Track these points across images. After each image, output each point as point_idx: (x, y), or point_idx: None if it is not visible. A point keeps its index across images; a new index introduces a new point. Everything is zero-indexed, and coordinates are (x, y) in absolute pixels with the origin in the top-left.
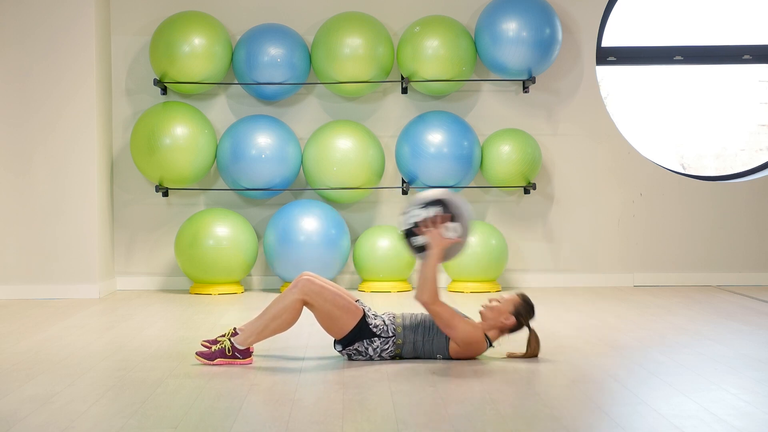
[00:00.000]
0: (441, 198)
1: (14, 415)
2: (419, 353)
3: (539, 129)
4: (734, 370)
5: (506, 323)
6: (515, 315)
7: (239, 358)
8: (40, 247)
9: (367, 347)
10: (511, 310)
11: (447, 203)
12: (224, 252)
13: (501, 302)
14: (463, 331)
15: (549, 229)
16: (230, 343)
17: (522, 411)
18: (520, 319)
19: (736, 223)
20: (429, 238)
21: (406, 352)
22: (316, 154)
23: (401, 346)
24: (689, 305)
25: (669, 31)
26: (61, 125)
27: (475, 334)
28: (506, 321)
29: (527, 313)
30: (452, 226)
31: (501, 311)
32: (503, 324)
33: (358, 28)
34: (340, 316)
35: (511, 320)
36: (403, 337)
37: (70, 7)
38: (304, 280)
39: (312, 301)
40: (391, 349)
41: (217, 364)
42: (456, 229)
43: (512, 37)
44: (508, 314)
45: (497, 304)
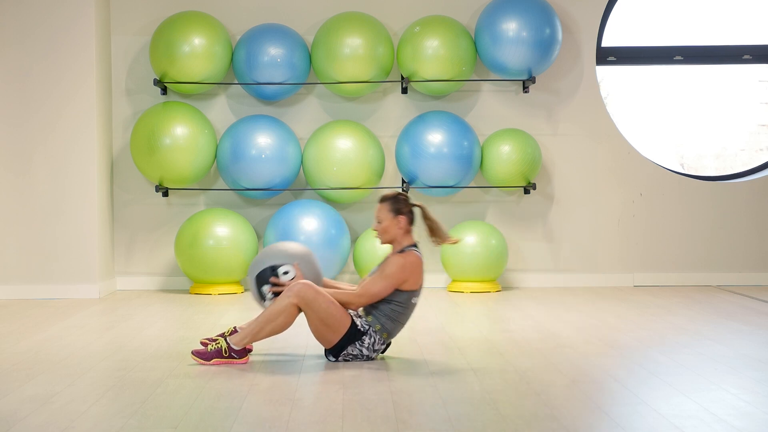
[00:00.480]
0: (253, 281)
1: (14, 415)
2: (399, 318)
3: (539, 129)
4: (734, 370)
5: (400, 226)
6: (397, 214)
7: (235, 358)
8: (40, 247)
9: (360, 348)
10: (392, 217)
11: (257, 276)
12: (224, 252)
13: (380, 222)
14: (392, 276)
15: (549, 229)
16: (226, 343)
17: (522, 411)
18: (403, 211)
19: (736, 223)
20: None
21: (391, 331)
22: (316, 154)
23: (383, 329)
24: (689, 305)
25: (669, 31)
26: (61, 125)
27: (398, 265)
28: (399, 225)
29: (403, 202)
30: (281, 270)
31: (389, 227)
32: (401, 228)
33: (358, 28)
34: (333, 323)
35: (401, 220)
36: (378, 322)
37: (70, 7)
38: (300, 285)
39: (306, 307)
40: (379, 338)
41: (214, 364)
42: (286, 268)
43: (512, 37)
44: (392, 220)
45: (378, 225)
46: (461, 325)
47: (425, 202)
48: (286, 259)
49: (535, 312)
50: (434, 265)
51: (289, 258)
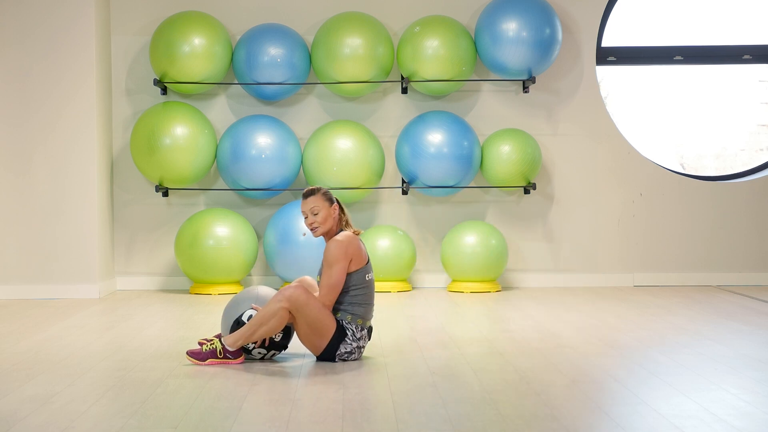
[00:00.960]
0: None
1: (14, 415)
2: (363, 300)
3: (539, 129)
4: (734, 370)
5: (335, 215)
6: (331, 203)
7: (230, 358)
8: (40, 247)
9: (348, 343)
10: (328, 206)
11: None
12: (224, 252)
13: (317, 213)
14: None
15: (549, 229)
16: (221, 344)
17: (522, 411)
18: (334, 198)
19: (736, 223)
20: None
21: (363, 315)
22: (316, 154)
23: (354, 317)
24: (689, 305)
25: (669, 31)
26: (61, 125)
27: (338, 248)
28: (334, 214)
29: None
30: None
31: (326, 215)
32: (336, 218)
33: (358, 28)
34: (320, 329)
35: (335, 208)
36: (347, 312)
37: (70, 7)
38: (292, 289)
39: (296, 312)
40: (355, 326)
41: (208, 364)
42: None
43: (512, 37)
44: (329, 209)
45: (318, 216)
46: (461, 325)
47: (425, 202)
48: (240, 306)
49: (535, 312)
50: (434, 265)
51: (244, 305)
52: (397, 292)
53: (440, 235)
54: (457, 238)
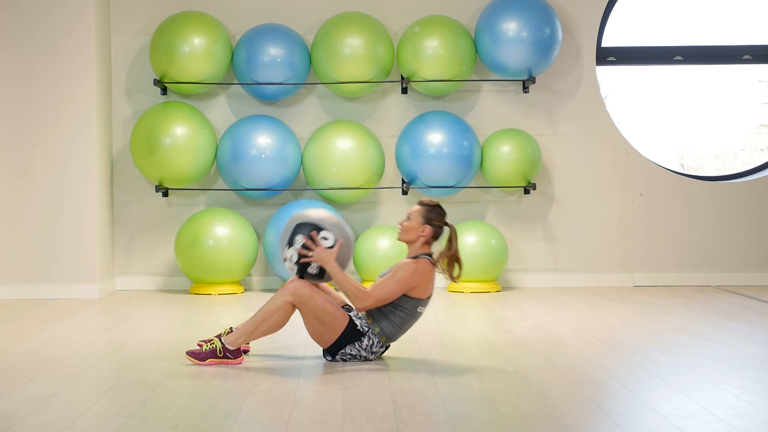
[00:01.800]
0: (294, 224)
1: (14, 415)
2: (401, 325)
3: (539, 129)
4: (734, 370)
5: (424, 234)
6: (427, 223)
7: (230, 358)
8: (40, 248)
9: (359, 349)
10: (421, 221)
11: (301, 224)
12: (224, 252)
13: (409, 219)
14: (403, 281)
15: (549, 229)
16: (221, 343)
17: (522, 411)
18: (434, 223)
19: (736, 223)
20: (317, 259)
21: (389, 332)
22: (316, 154)
23: (382, 332)
24: (689, 305)
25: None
26: (61, 125)
27: (410, 270)
28: (423, 233)
29: (437, 215)
30: (324, 234)
31: (413, 227)
32: (423, 236)
33: (358, 28)
34: (329, 322)
35: (427, 229)
36: (379, 326)
37: (69, 7)
38: (295, 283)
39: (301, 306)
40: (377, 341)
41: (208, 364)
42: (328, 235)
43: (512, 37)
44: (420, 226)
45: (407, 223)
46: (461, 325)
47: None
48: (336, 231)
49: (535, 312)
50: None
51: (340, 233)
52: None
53: None
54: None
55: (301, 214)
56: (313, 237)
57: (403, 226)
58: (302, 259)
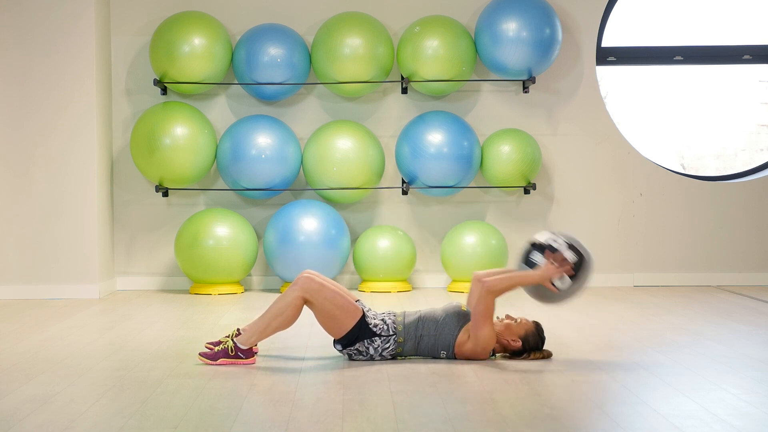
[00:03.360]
0: (584, 256)
1: (14, 415)
2: (421, 350)
3: (539, 129)
4: (734, 370)
5: (511, 345)
6: (522, 340)
7: (242, 357)
8: (40, 247)
9: (367, 347)
10: (521, 334)
11: (583, 264)
12: (224, 252)
13: (515, 323)
14: (487, 335)
15: (549, 229)
16: (233, 343)
17: (522, 411)
18: (525, 345)
19: (736, 223)
20: (544, 266)
21: (407, 350)
22: (316, 154)
23: (403, 344)
24: (689, 305)
25: (669, 31)
26: (61, 125)
27: (492, 342)
28: (513, 343)
29: (535, 343)
30: (567, 279)
31: (512, 331)
32: (509, 344)
33: (358, 28)
34: (340, 315)
35: (517, 344)
36: (405, 335)
37: (69, 7)
38: (304, 278)
39: (312, 299)
40: (393, 347)
41: (220, 364)
42: (565, 283)
43: (512, 37)
44: (516, 337)
45: (511, 322)
46: None
47: (425, 202)
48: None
49: (535, 312)
50: (434, 266)
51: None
52: (397, 293)
53: (440, 236)
54: (457, 239)
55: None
56: (568, 271)
57: (506, 321)
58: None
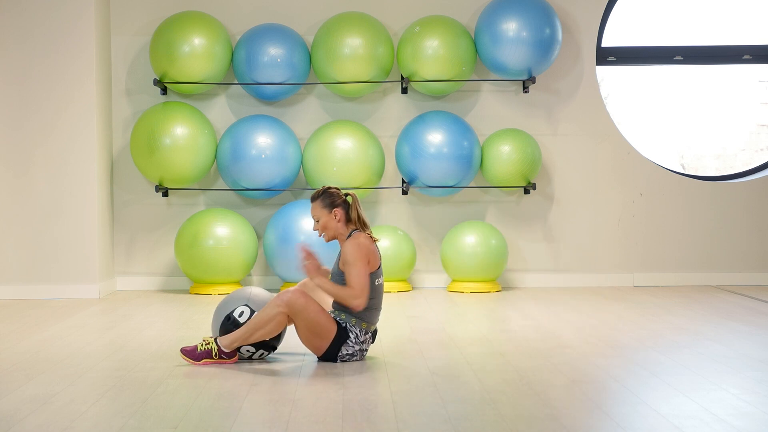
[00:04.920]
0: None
1: (14, 415)
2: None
3: (539, 129)
4: (734, 370)
5: (339, 219)
6: (332, 209)
7: (225, 358)
8: (40, 248)
9: (351, 346)
10: (327, 212)
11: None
12: (224, 252)
13: (318, 220)
14: (361, 259)
15: (549, 229)
16: (217, 345)
17: (521, 411)
18: (337, 203)
19: (736, 223)
20: (308, 270)
21: (368, 319)
22: (316, 154)
23: (359, 320)
24: (689, 305)
25: (669, 31)
26: (61, 125)
27: (355, 247)
28: (337, 218)
29: (332, 195)
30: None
31: (327, 222)
32: (339, 221)
33: (358, 28)
34: (320, 332)
35: (338, 212)
36: (352, 315)
37: (69, 7)
38: (291, 294)
39: (295, 316)
40: (359, 330)
41: (203, 364)
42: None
43: (512, 37)
44: (328, 217)
45: (320, 223)
46: (461, 325)
47: (425, 202)
48: (235, 304)
49: (535, 312)
50: (434, 265)
51: (236, 301)
52: (397, 292)
53: (440, 235)
54: (457, 238)
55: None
56: (305, 250)
57: (320, 229)
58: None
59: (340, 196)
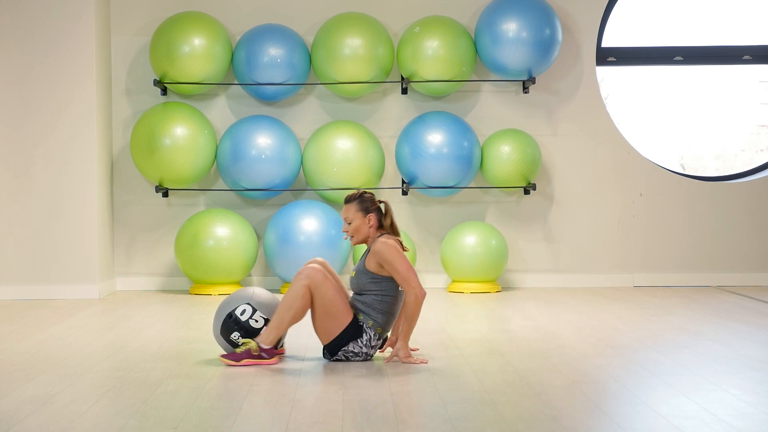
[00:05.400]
0: (218, 332)
1: (14, 415)
2: (390, 310)
3: (539, 129)
4: (734, 371)
5: (372, 224)
6: (367, 214)
7: (265, 358)
8: (40, 248)
9: (361, 346)
10: (362, 216)
11: (222, 326)
12: (224, 252)
13: (351, 222)
14: (400, 255)
15: (549, 230)
16: (256, 343)
17: (522, 411)
18: (371, 208)
19: (736, 224)
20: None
21: (384, 325)
22: (316, 155)
23: (375, 324)
24: (689, 305)
25: (669, 31)
26: (61, 125)
27: (389, 247)
28: (370, 224)
29: (369, 200)
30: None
31: (360, 225)
32: (372, 226)
33: (358, 28)
34: (335, 314)
35: (372, 218)
36: (370, 318)
37: (69, 7)
38: (310, 268)
39: (315, 291)
40: (374, 334)
41: (245, 364)
42: (244, 308)
43: (512, 37)
44: (363, 219)
45: (352, 225)
46: (461, 325)
47: (425, 202)
48: (238, 302)
49: (535, 312)
50: (434, 266)
51: (238, 300)
52: None
53: (440, 236)
54: (457, 239)
55: (214, 329)
56: None
57: (350, 231)
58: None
59: (375, 202)
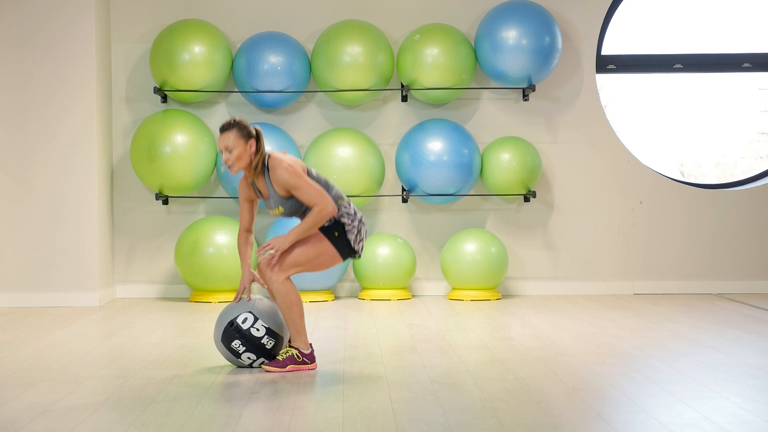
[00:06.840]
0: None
1: (14, 423)
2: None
3: (539, 137)
4: (734, 378)
5: (251, 150)
6: (248, 140)
7: (307, 363)
8: (40, 255)
9: (351, 223)
10: (242, 143)
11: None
12: (224, 260)
13: (232, 150)
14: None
15: (549, 237)
16: (296, 349)
17: (522, 419)
18: (252, 134)
19: (736, 231)
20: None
21: (336, 195)
22: (316, 162)
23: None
24: (689, 313)
25: (669, 39)
26: (61, 133)
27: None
28: (250, 150)
29: (246, 126)
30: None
31: (241, 152)
32: (252, 153)
33: (358, 36)
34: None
35: (251, 144)
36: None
37: (70, 14)
38: (265, 263)
39: (290, 272)
40: (342, 207)
41: (289, 370)
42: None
43: (512, 45)
44: (244, 147)
45: (233, 153)
46: (461, 332)
47: (425, 210)
48: (239, 310)
49: (535, 320)
50: (434, 273)
51: (240, 308)
52: (397, 300)
53: (440, 243)
54: (457, 246)
55: (215, 337)
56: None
57: (231, 159)
58: (245, 351)
59: (253, 128)
